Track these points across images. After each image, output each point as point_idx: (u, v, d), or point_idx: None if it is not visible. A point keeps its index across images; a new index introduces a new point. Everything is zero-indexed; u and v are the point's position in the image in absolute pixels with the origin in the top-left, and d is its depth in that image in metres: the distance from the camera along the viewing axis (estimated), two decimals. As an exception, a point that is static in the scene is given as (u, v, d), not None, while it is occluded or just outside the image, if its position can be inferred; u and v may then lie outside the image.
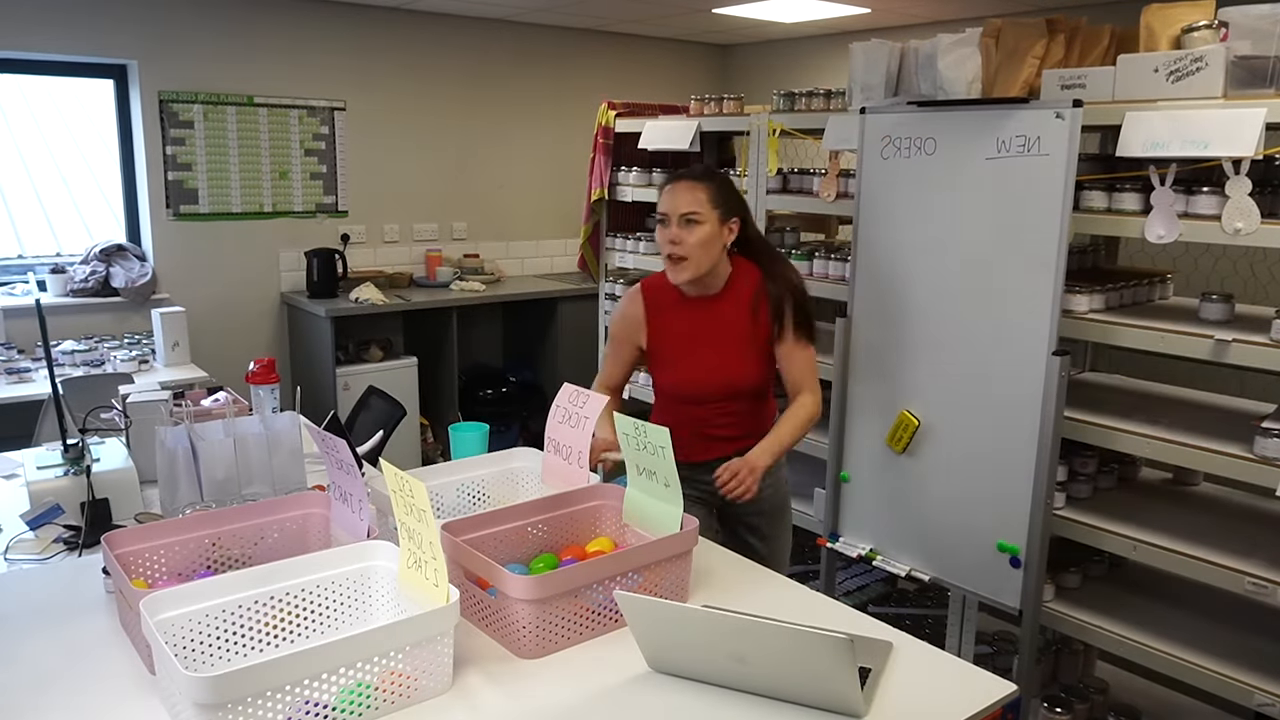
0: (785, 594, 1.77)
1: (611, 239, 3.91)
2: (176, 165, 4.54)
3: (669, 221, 2.17)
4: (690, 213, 2.15)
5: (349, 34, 4.93)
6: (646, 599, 1.42)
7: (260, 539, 1.74)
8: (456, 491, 2.00)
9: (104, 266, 4.39)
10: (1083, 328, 2.39)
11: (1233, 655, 2.25)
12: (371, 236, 5.20)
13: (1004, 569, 2.44)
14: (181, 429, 2.05)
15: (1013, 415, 2.38)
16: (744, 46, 6.24)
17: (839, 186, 3.03)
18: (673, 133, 3.53)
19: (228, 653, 1.43)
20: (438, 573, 1.40)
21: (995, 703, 1.43)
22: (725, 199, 2.19)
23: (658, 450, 1.67)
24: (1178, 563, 2.25)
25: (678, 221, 2.16)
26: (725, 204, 2.18)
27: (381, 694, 1.34)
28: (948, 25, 4.73)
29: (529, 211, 5.75)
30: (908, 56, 2.87)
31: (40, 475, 2.08)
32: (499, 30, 5.40)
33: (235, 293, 4.81)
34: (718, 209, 2.17)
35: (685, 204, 2.16)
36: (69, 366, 3.77)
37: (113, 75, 4.50)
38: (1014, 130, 2.30)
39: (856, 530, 2.84)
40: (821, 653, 1.31)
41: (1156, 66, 2.22)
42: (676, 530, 1.67)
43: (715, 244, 2.18)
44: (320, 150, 4.95)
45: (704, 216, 2.15)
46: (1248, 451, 2.14)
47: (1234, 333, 2.16)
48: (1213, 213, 2.14)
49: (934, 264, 2.52)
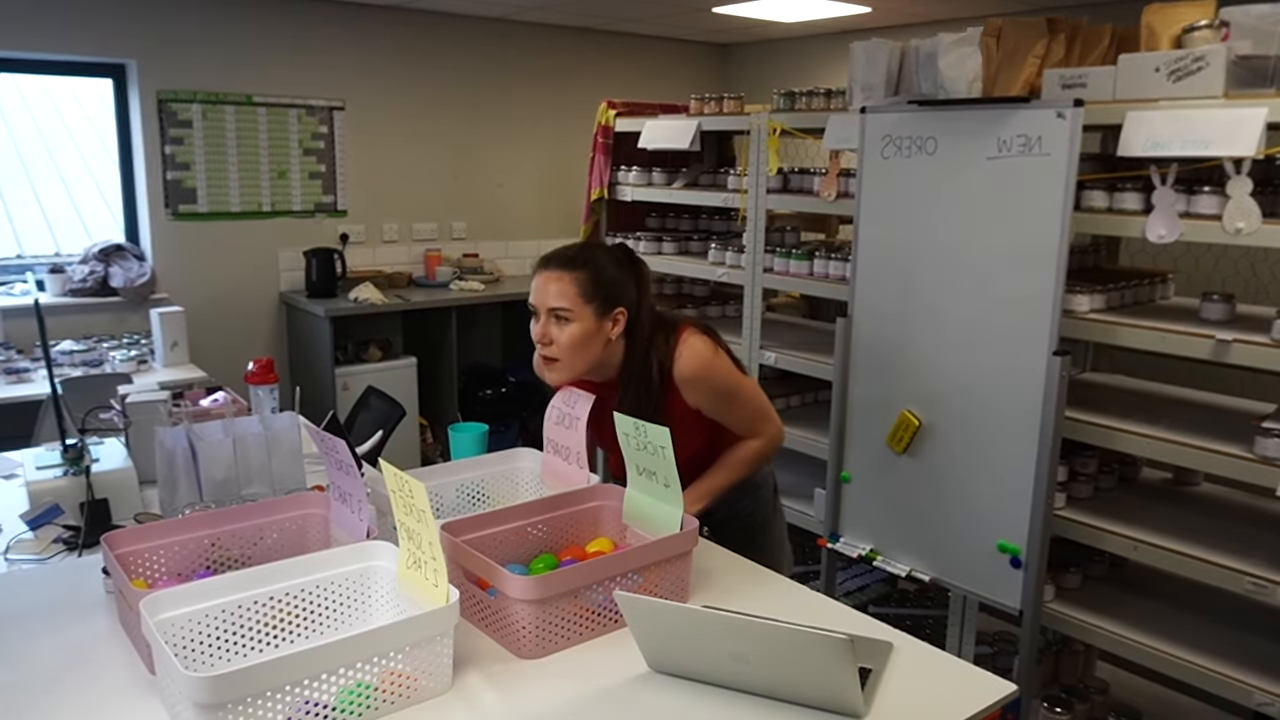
0: (785, 594, 1.77)
1: (611, 239, 3.91)
2: (175, 165, 4.54)
3: (537, 315, 1.89)
4: (559, 309, 1.85)
5: (348, 33, 4.93)
6: (646, 599, 1.42)
7: (260, 539, 1.74)
8: (456, 491, 2.00)
9: (103, 266, 4.39)
10: (1083, 328, 2.39)
11: (1233, 655, 2.25)
12: (370, 236, 5.19)
13: (1004, 569, 2.43)
14: (181, 429, 2.04)
15: (1013, 415, 2.37)
16: (744, 46, 6.23)
17: (839, 186, 3.03)
18: (673, 132, 3.53)
19: (228, 653, 1.43)
20: (437, 573, 1.40)
21: (995, 703, 1.43)
22: (601, 288, 1.86)
23: (658, 450, 1.66)
24: (1178, 563, 2.25)
25: (546, 316, 1.87)
26: (603, 295, 1.86)
27: (381, 694, 1.34)
28: (948, 25, 4.73)
29: (529, 211, 5.75)
30: (908, 56, 2.87)
31: (40, 475, 2.08)
32: (499, 29, 5.39)
33: (234, 292, 4.80)
34: (591, 303, 1.85)
35: (552, 297, 1.85)
36: (68, 366, 3.77)
37: (111, 75, 4.49)
38: (1015, 130, 2.30)
39: (857, 530, 2.84)
40: (821, 653, 1.31)
41: (1157, 66, 2.22)
42: (676, 530, 1.66)
43: (593, 344, 1.87)
44: (319, 150, 4.95)
45: (574, 314, 1.84)
46: (1248, 451, 2.14)
47: (1235, 333, 2.15)
48: (1213, 212, 2.14)
49: (934, 264, 2.52)
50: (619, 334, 1.90)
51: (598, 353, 1.89)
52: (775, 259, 3.24)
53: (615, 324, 1.89)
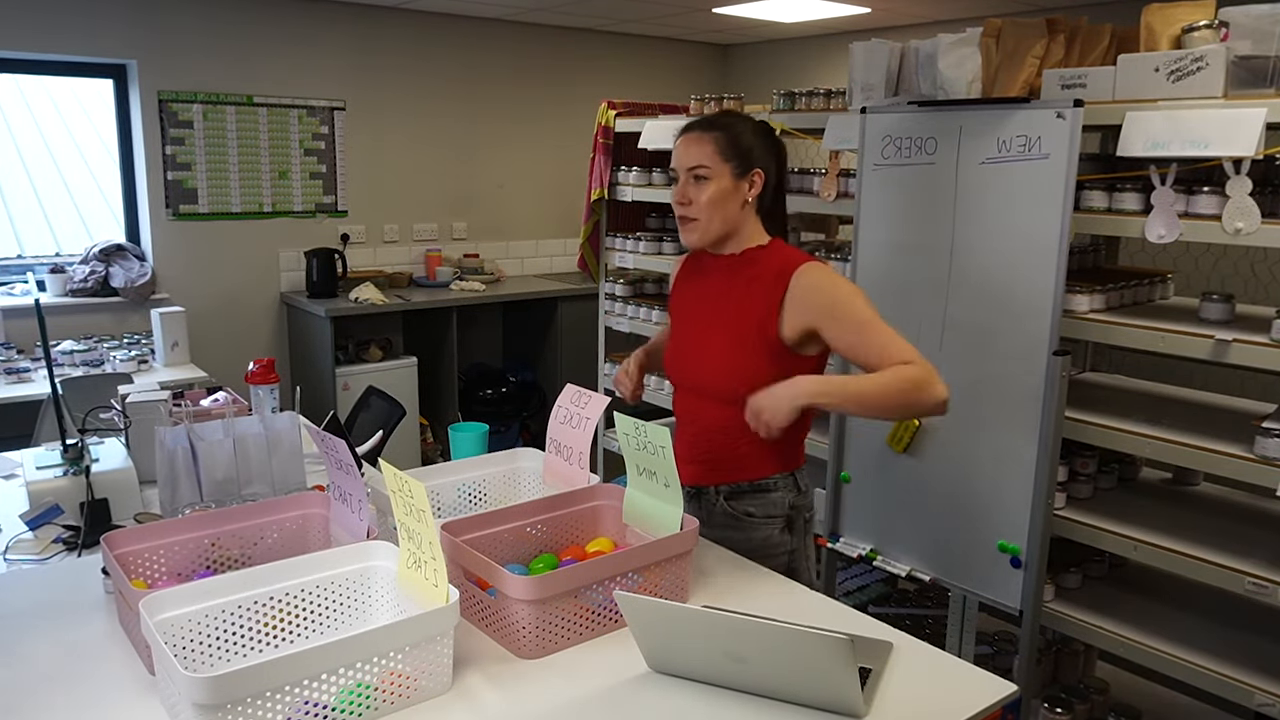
0: (785, 594, 1.77)
1: (611, 239, 3.91)
2: (176, 165, 4.54)
3: (678, 177, 1.92)
4: (697, 167, 1.88)
5: (349, 34, 4.93)
6: (646, 599, 1.42)
7: (260, 539, 1.74)
8: (456, 491, 2.00)
9: (103, 266, 4.39)
10: (1083, 328, 2.39)
11: (1233, 655, 2.25)
12: (371, 236, 5.20)
13: (1004, 569, 2.43)
14: (181, 429, 2.04)
15: (1013, 415, 2.37)
16: (744, 46, 6.24)
17: (839, 186, 3.03)
18: (673, 132, 3.52)
19: (228, 653, 1.43)
20: (437, 573, 1.40)
21: (995, 703, 1.43)
22: (740, 149, 1.88)
23: (658, 450, 1.66)
24: (1178, 563, 2.25)
25: (685, 178, 1.90)
26: (741, 155, 1.88)
27: (381, 694, 1.34)
28: (948, 25, 4.74)
29: (529, 211, 5.75)
30: (908, 56, 2.87)
31: (40, 475, 2.08)
32: (499, 30, 5.40)
33: (235, 293, 4.81)
34: (730, 161, 1.87)
35: (692, 158, 1.89)
36: (68, 366, 3.77)
37: (112, 75, 4.50)
38: (1014, 130, 2.30)
39: (857, 530, 2.84)
40: (821, 653, 1.31)
41: (1157, 66, 2.22)
42: (676, 530, 1.66)
43: (729, 203, 1.88)
44: (320, 150, 4.95)
45: (713, 171, 1.87)
46: (1248, 451, 2.14)
47: (1234, 333, 2.15)
48: (1213, 212, 2.14)
49: (934, 264, 2.52)
50: (755, 195, 1.90)
51: (735, 214, 1.89)
52: (775, 259, 3.24)
53: (753, 186, 1.89)
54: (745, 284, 1.90)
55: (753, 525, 1.95)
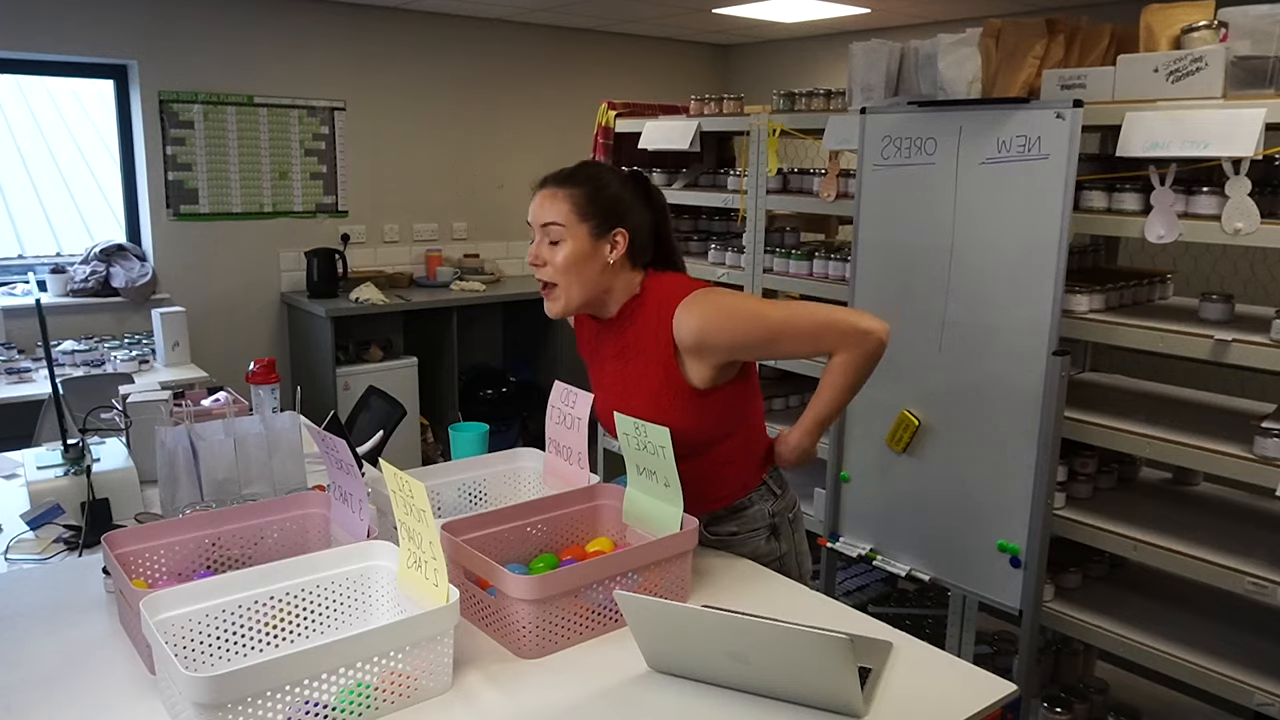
0: (785, 594, 1.77)
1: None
2: (176, 165, 4.54)
3: (532, 234, 1.77)
4: (550, 224, 1.73)
5: (349, 34, 4.93)
6: (646, 599, 1.42)
7: (260, 539, 1.74)
8: (456, 491, 2.00)
9: (104, 266, 4.39)
10: (1083, 328, 2.39)
11: (1233, 655, 2.25)
12: (371, 236, 5.20)
13: (1004, 569, 2.44)
14: (181, 429, 2.05)
15: (1013, 415, 2.38)
16: (744, 46, 6.24)
17: (839, 186, 3.04)
18: (673, 133, 3.53)
19: (228, 653, 1.43)
20: (438, 573, 1.40)
21: (995, 703, 1.43)
22: (601, 206, 1.73)
23: (658, 450, 1.67)
24: (1178, 563, 2.25)
25: (540, 236, 1.75)
26: (602, 212, 1.73)
27: (381, 694, 1.34)
28: (948, 25, 4.73)
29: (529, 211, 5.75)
30: (908, 56, 2.88)
31: (40, 475, 2.08)
32: (499, 30, 5.40)
33: (235, 293, 4.81)
34: (587, 221, 1.72)
35: (545, 214, 1.74)
36: (69, 366, 3.77)
37: (113, 75, 4.50)
38: (1014, 130, 2.30)
39: (856, 530, 2.84)
40: (821, 653, 1.31)
41: (1156, 66, 2.22)
42: (676, 530, 1.66)
43: (587, 266, 1.73)
44: (320, 150, 4.95)
45: (568, 232, 1.72)
46: (1248, 451, 2.14)
47: (1234, 333, 2.15)
48: (1213, 213, 2.14)
49: (934, 264, 2.52)
50: (619, 258, 1.74)
51: (595, 278, 1.74)
52: (775, 259, 3.24)
53: (614, 247, 1.74)
54: (634, 347, 1.80)
55: (739, 542, 1.91)
